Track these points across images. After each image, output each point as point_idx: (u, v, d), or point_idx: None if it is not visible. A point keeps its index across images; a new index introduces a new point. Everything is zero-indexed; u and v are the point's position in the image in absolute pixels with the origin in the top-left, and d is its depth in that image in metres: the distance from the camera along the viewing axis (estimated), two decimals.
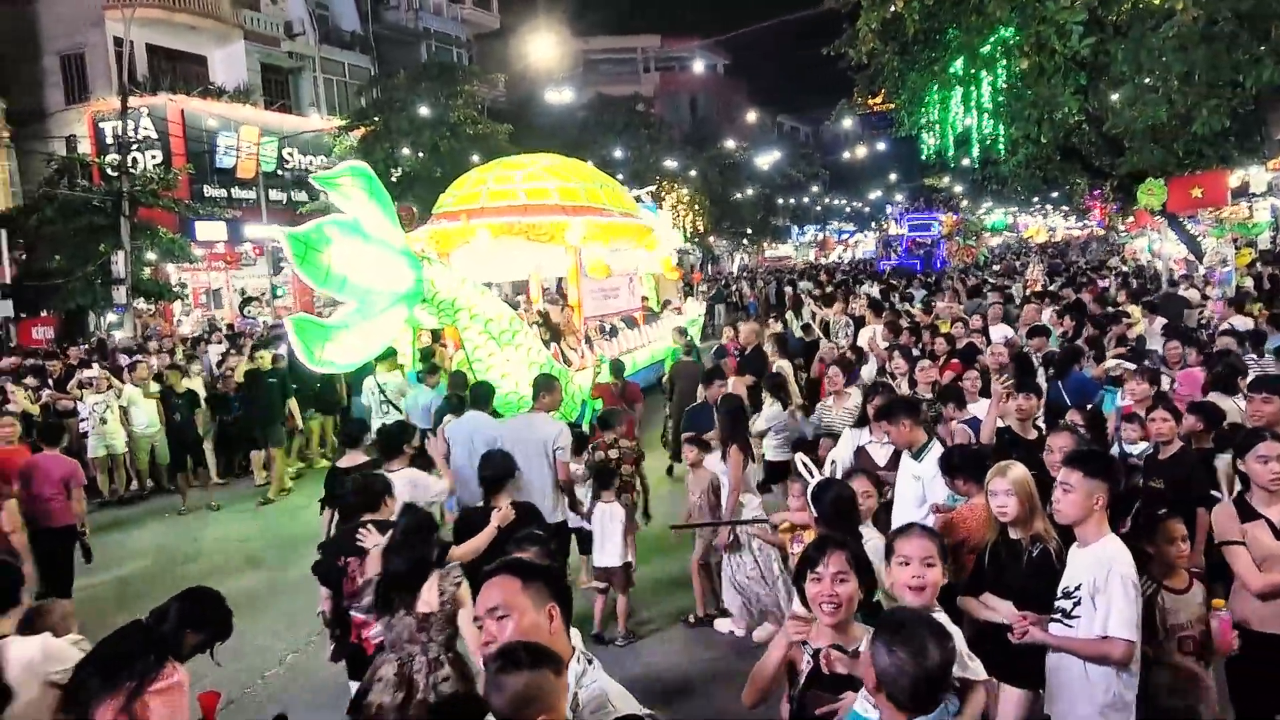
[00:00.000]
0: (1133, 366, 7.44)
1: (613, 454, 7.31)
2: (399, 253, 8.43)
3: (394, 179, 27.45)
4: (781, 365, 10.08)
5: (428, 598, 4.14)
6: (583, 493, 6.97)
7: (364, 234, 7.98)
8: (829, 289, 19.59)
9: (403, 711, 3.94)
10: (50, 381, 12.94)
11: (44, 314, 22.72)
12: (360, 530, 4.77)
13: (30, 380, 12.67)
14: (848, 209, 70.17)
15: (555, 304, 14.01)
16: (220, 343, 17.44)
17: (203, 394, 12.46)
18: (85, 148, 26.24)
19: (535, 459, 6.46)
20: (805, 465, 5.09)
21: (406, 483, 5.63)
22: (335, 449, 12.50)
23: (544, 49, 30.24)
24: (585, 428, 9.18)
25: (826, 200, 65.79)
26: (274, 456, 11.70)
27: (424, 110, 27.54)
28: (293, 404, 12.02)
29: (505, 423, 7.38)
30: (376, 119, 28.19)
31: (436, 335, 12.06)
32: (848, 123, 30.82)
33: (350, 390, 12.53)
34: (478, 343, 9.09)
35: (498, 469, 5.69)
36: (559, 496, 6.68)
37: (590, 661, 2.54)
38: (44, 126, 27.84)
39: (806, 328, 13.69)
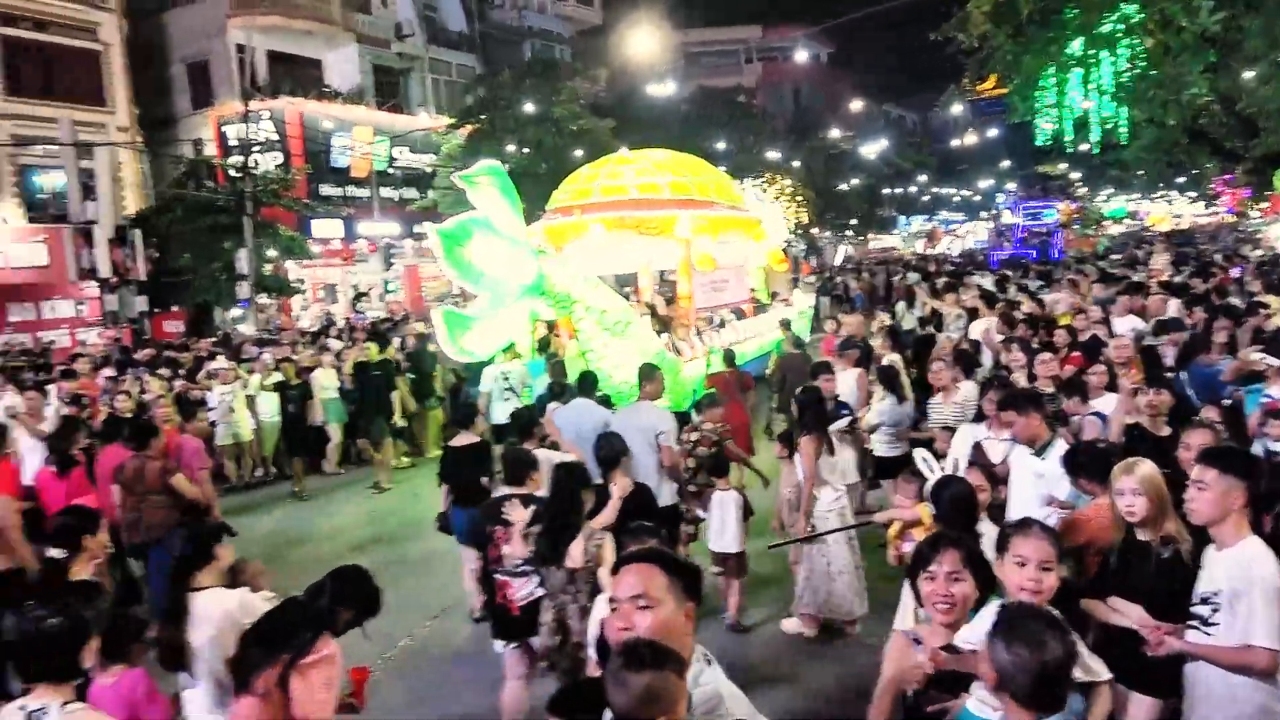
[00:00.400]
0: (1276, 361, 7.01)
1: (693, 436, 7.41)
2: (524, 247, 8.76)
3: None
4: (892, 358, 9.87)
5: (575, 554, 4.49)
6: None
7: (495, 230, 8.35)
8: (942, 280, 19.05)
9: (561, 651, 4.38)
10: (181, 372, 13.63)
11: (174, 309, 24.05)
12: (506, 503, 5.05)
13: (164, 371, 13.42)
14: (956, 198, 68.18)
15: (661, 296, 14.15)
16: (338, 337, 18.08)
17: (336, 385, 12.88)
18: (211, 150, 27.56)
19: (642, 446, 6.64)
20: (926, 461, 4.98)
21: (541, 460, 5.84)
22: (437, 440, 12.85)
23: (645, 43, 30.27)
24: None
25: (935, 189, 64.07)
26: (384, 446, 12.10)
27: (528, 107, 27.96)
28: (395, 397, 12.33)
29: (614, 411, 7.68)
30: (483, 117, 28.75)
31: (552, 326, 12.30)
32: (957, 109, 29.97)
33: (462, 380, 12.92)
34: (591, 334, 9.30)
35: (613, 449, 5.84)
36: (665, 481, 6.84)
37: (709, 661, 2.53)
38: (173, 131, 29.43)
39: (923, 320, 13.41)
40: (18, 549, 6.06)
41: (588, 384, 8.10)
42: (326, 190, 28.99)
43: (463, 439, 7.37)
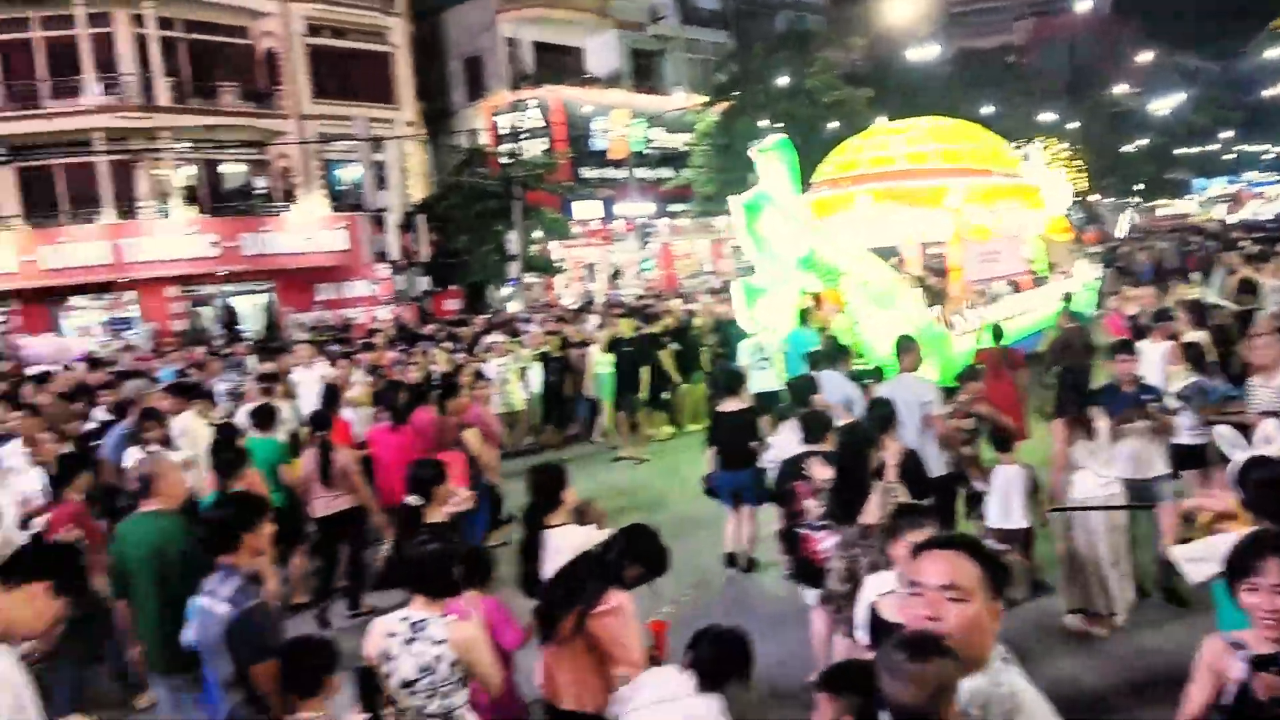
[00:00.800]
0: None
1: (948, 408, 7.24)
2: (799, 221, 8.85)
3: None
4: (1197, 335, 8.87)
5: (872, 509, 4.58)
6: None
7: (776, 204, 8.50)
8: (1256, 248, 16.85)
9: (850, 599, 4.38)
10: (461, 346, 14.70)
11: (452, 287, 26.06)
12: (806, 460, 5.27)
13: (447, 344, 14.55)
14: (1268, 156, 60.02)
15: (930, 269, 13.64)
16: (596, 313, 18.82)
17: (611, 360, 13.26)
18: (484, 140, 29.48)
19: (905, 417, 6.53)
20: (1229, 440, 4.45)
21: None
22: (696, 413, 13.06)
23: (904, 6, 29.04)
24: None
25: (1240, 147, 56.78)
26: (639, 419, 12.41)
27: (781, 81, 27.63)
28: (644, 372, 12.55)
29: (876, 386, 7.73)
30: (735, 93, 28.75)
31: (817, 298, 12.21)
32: (1270, 53, 26.30)
33: (721, 354, 12.98)
34: (859, 306, 9.20)
35: (883, 413, 5.78)
36: (936, 452, 6.75)
37: (1008, 662, 2.37)
38: (451, 123, 31.77)
39: (1247, 289, 12.10)
40: (360, 490, 7.19)
41: (833, 356, 8.15)
42: (586, 173, 30.22)
43: (730, 405, 7.54)
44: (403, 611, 3.57)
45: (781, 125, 26.66)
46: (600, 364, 12.74)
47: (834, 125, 26.13)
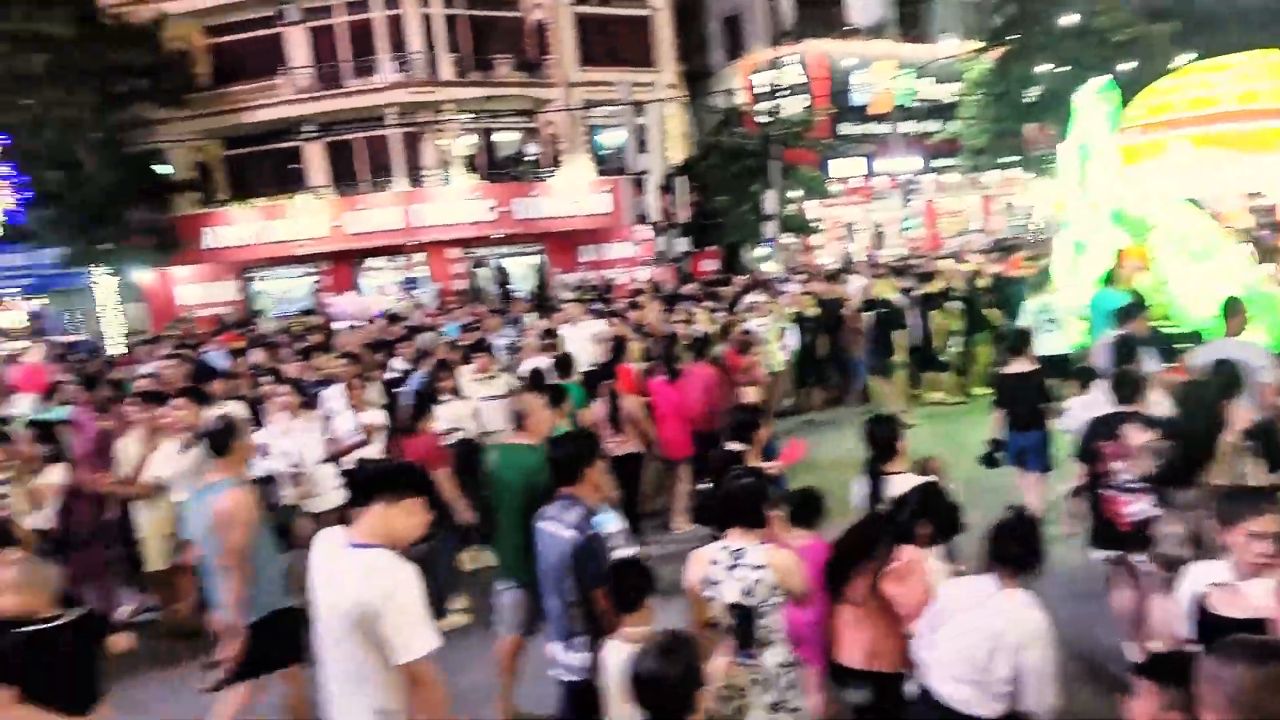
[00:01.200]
0: None
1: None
2: (1115, 171, 8.22)
3: (1030, 99, 26.00)
4: None
5: (1218, 471, 4.34)
6: None
7: (1096, 152, 8.01)
8: None
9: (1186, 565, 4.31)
10: (722, 305, 14.72)
11: (709, 248, 26.24)
12: (1121, 421, 5.07)
13: (707, 304, 14.63)
14: None
15: (1262, 223, 12.08)
16: (858, 274, 18.22)
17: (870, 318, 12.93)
18: (742, 99, 29.26)
19: None
20: None
21: None
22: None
23: None
24: None
25: None
26: (896, 382, 12.13)
27: (1065, 20, 25.32)
28: (899, 336, 12.02)
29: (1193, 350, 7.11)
30: (1012, 37, 26.72)
31: (1119, 255, 11.22)
32: None
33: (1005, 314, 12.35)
34: (1169, 262, 8.29)
35: (1232, 376, 5.34)
36: None
37: None
38: (709, 83, 31.77)
39: None
40: (648, 433, 7.92)
41: (1129, 313, 7.67)
42: (847, 129, 29.31)
43: (1016, 366, 7.41)
44: (722, 542, 3.78)
45: (1067, 69, 24.54)
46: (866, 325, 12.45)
47: (1129, 66, 23.60)
